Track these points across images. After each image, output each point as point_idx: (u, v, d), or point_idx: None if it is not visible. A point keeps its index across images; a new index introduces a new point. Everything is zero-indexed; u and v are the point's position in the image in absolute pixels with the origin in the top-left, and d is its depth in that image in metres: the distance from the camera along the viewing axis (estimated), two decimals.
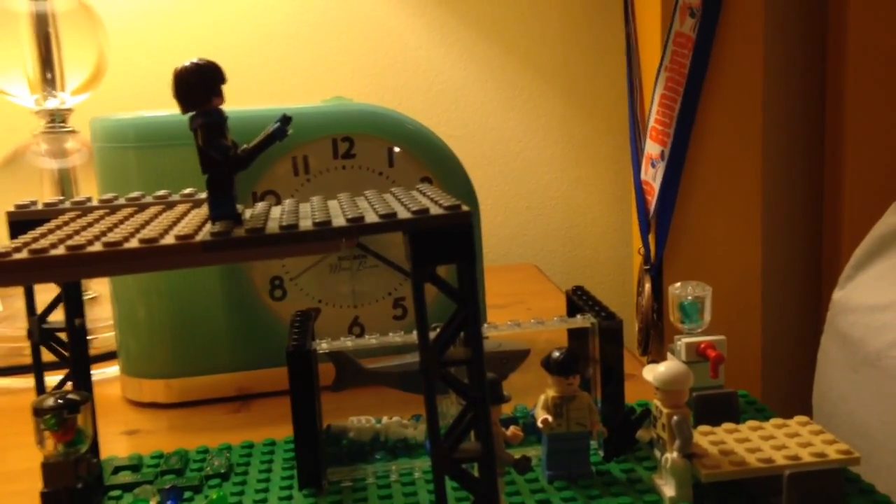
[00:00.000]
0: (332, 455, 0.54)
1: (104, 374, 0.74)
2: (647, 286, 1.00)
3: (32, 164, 0.80)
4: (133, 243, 0.35)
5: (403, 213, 0.38)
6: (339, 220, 0.37)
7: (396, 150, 0.69)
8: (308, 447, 0.51)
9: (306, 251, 0.37)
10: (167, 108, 0.50)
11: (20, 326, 0.80)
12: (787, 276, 1.08)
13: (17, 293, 0.89)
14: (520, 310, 0.89)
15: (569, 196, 1.16)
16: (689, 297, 0.58)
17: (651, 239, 1.00)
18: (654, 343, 1.01)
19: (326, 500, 0.50)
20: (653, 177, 0.99)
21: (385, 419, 0.57)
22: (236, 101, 0.47)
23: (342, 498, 0.50)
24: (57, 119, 0.81)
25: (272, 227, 0.37)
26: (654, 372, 0.47)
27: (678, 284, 0.58)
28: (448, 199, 0.39)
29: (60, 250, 0.35)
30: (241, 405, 0.67)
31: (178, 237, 0.36)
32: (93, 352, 0.76)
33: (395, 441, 0.56)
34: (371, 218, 0.37)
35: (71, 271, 0.35)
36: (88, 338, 0.51)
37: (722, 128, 0.99)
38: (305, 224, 0.37)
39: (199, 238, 0.36)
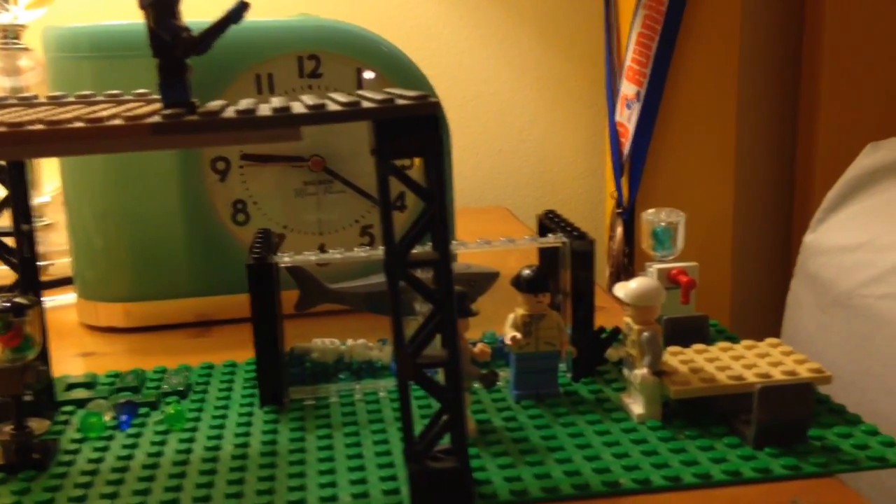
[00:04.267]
0: (294, 375, 0.53)
1: (60, 300, 0.72)
2: (619, 230, 0.99)
3: None
4: (78, 123, 0.33)
5: (368, 103, 0.36)
6: (299, 108, 0.35)
7: (368, 75, 0.67)
8: (269, 363, 0.49)
9: (263, 138, 0.34)
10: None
11: None
12: (758, 221, 1.07)
13: None
14: None
15: (542, 139, 1.14)
16: (663, 224, 0.57)
17: (624, 182, 0.99)
18: None
19: (288, 417, 0.48)
20: (627, 118, 0.97)
21: (350, 341, 0.55)
22: (199, 14, 0.45)
23: (304, 414, 0.49)
24: (10, 35, 0.77)
25: (229, 113, 0.35)
26: (625, 288, 0.45)
27: (651, 210, 0.57)
28: (415, 92, 0.37)
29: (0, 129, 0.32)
30: (202, 331, 0.66)
31: (126, 118, 0.33)
32: (47, 277, 0.74)
33: (360, 363, 0.54)
34: (333, 107, 0.35)
35: (10, 150, 0.32)
36: (43, 263, 0.48)
37: (698, 68, 0.97)
38: (264, 111, 0.35)
39: (149, 121, 0.34)
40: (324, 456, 0.43)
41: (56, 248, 0.77)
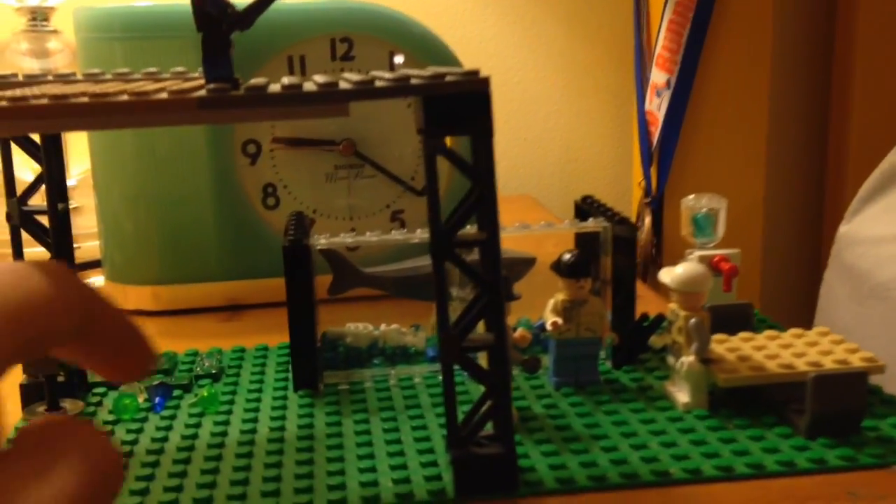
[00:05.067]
0: (328, 360, 0.52)
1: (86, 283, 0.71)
2: (647, 219, 0.98)
3: (13, 63, 0.76)
4: (123, 97, 0.32)
5: (417, 80, 0.35)
6: (346, 85, 0.34)
7: (398, 59, 0.66)
8: (304, 347, 0.48)
9: (310, 114, 0.33)
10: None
11: None
12: (788, 212, 1.05)
13: None
14: None
15: (568, 128, 1.13)
16: (704, 210, 0.55)
17: (653, 171, 0.97)
18: (652, 279, 0.99)
19: (323, 402, 0.48)
20: (657, 106, 0.96)
21: (383, 326, 0.55)
22: None
23: (339, 399, 0.48)
24: (39, 17, 0.76)
25: (274, 88, 0.34)
26: (671, 274, 0.44)
27: (692, 196, 0.56)
28: (464, 69, 0.36)
29: (44, 100, 0.31)
30: (232, 315, 0.65)
31: (171, 92, 0.33)
32: (76, 261, 0.74)
33: (394, 348, 0.54)
34: (382, 83, 0.34)
35: (54, 123, 0.31)
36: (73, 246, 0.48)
37: (730, 55, 0.96)
38: (310, 87, 0.34)
39: (195, 95, 0.33)
40: (362, 441, 0.43)
41: (83, 231, 0.76)
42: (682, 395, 0.45)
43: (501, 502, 0.37)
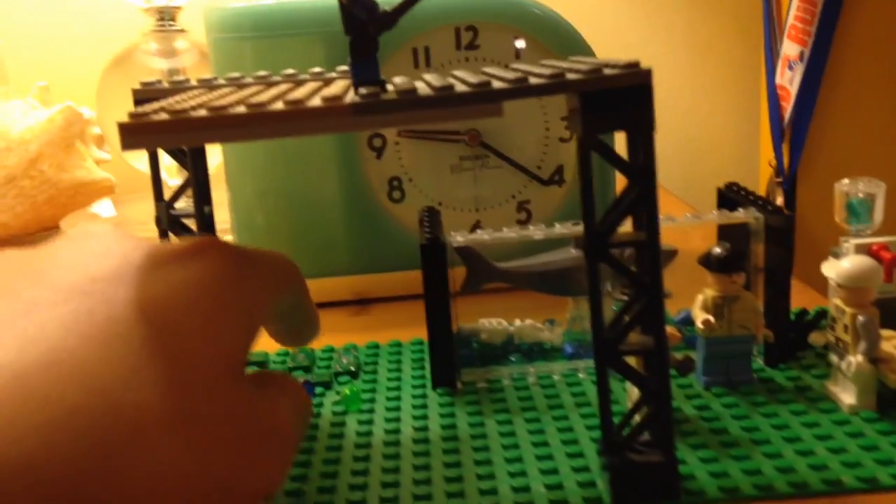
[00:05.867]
0: (462, 357, 0.51)
1: None
2: (779, 201, 0.93)
3: (142, 63, 0.78)
4: (279, 105, 0.32)
5: (573, 74, 0.33)
6: (498, 83, 0.33)
7: (519, 44, 0.64)
8: (443, 344, 0.48)
9: (464, 115, 0.33)
10: None
11: (133, 230, 0.79)
12: None
13: (130, 199, 0.89)
14: None
15: (690, 105, 1.09)
16: (860, 195, 0.52)
17: (784, 149, 0.92)
18: None
19: (463, 400, 0.47)
20: (789, 80, 0.91)
21: (518, 322, 0.54)
22: None
23: (479, 398, 0.47)
24: (166, 17, 0.78)
25: (423, 90, 0.33)
26: (836, 268, 0.41)
27: (846, 181, 0.52)
28: (624, 60, 0.34)
29: (202, 112, 0.32)
30: (361, 309, 0.65)
31: (325, 99, 0.32)
32: None
33: (530, 344, 0.53)
34: (536, 80, 0.33)
35: (213, 134, 0.32)
36: None
37: (868, 25, 0.89)
38: (460, 88, 0.33)
39: (348, 101, 0.32)
40: (508, 443, 0.42)
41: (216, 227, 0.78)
42: (846, 396, 0.42)
43: None
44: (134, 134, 0.31)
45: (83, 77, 0.96)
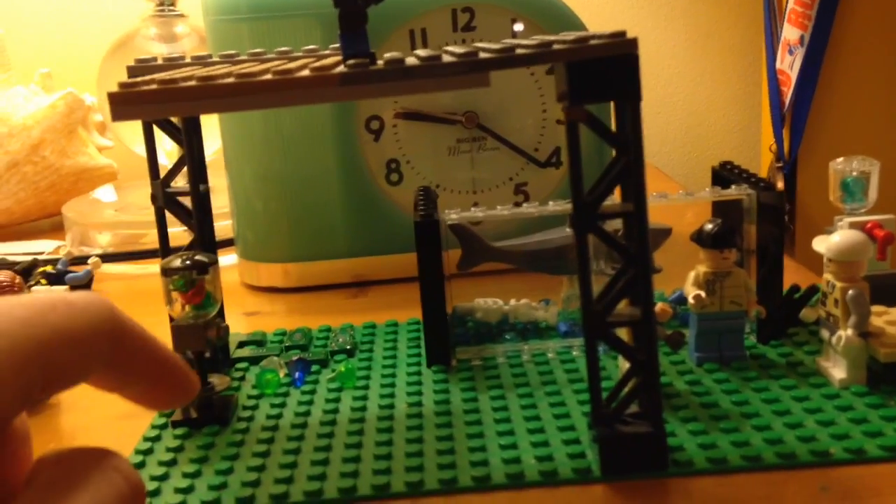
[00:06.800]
0: (458, 336, 0.52)
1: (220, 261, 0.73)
2: (780, 185, 0.93)
3: (142, 48, 0.79)
4: (267, 76, 0.32)
5: (559, 45, 0.33)
6: (486, 54, 0.33)
7: (518, 27, 0.64)
8: (437, 321, 0.48)
9: (452, 85, 0.33)
10: None
11: (134, 214, 0.80)
12: None
13: (132, 185, 0.90)
14: None
15: (691, 91, 1.09)
16: (854, 173, 0.52)
17: (785, 134, 0.92)
18: (787, 247, 0.95)
19: (456, 378, 0.47)
20: (789, 65, 0.91)
21: (513, 301, 0.54)
22: None
23: (473, 375, 0.47)
24: (166, 2, 0.79)
25: (412, 62, 0.33)
26: (826, 242, 0.42)
27: (840, 160, 0.52)
28: (609, 31, 0.34)
29: (192, 82, 0.32)
30: (359, 291, 0.66)
31: (313, 69, 0.33)
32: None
33: (525, 323, 0.53)
34: (523, 50, 0.33)
35: (203, 104, 0.32)
36: None
37: (869, 9, 0.89)
38: (449, 59, 0.33)
39: (336, 71, 0.33)
40: (500, 417, 0.42)
41: (215, 210, 0.78)
42: (837, 371, 0.42)
43: (649, 482, 0.36)
44: (123, 103, 0.31)
45: (85, 64, 0.97)
